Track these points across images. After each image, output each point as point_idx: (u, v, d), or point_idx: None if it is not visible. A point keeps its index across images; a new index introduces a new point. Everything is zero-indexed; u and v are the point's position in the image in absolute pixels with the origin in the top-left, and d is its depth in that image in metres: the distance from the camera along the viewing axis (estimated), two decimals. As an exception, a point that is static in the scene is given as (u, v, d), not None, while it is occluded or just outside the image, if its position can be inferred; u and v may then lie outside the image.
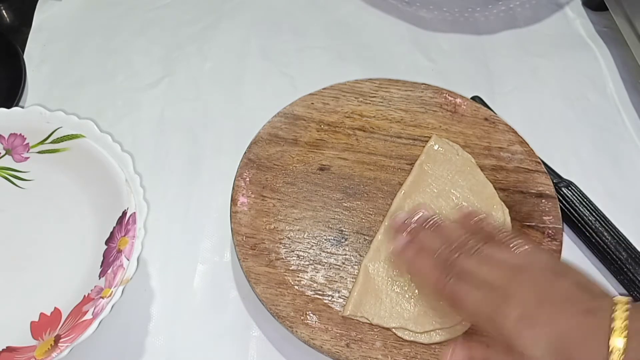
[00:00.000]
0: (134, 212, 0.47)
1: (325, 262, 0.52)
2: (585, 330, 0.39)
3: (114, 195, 0.48)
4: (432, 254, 0.46)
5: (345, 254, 0.52)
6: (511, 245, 0.45)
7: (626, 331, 0.38)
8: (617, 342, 0.38)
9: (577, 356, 0.39)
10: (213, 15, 0.72)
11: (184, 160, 0.61)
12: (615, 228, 0.55)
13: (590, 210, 0.55)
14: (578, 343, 0.39)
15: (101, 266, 0.47)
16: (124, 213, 0.47)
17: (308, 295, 0.50)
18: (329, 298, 0.50)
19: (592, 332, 0.39)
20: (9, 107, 0.51)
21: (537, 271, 0.43)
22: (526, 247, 0.45)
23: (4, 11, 0.72)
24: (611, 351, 0.38)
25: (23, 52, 0.67)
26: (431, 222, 0.49)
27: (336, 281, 0.51)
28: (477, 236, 0.46)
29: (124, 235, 0.46)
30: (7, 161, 0.52)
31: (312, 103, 0.59)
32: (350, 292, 0.50)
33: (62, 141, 0.51)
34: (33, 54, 0.68)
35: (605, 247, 0.54)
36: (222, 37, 0.70)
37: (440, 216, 0.49)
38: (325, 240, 0.53)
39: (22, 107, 0.52)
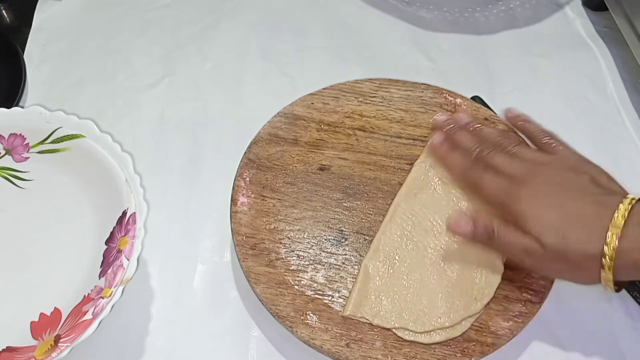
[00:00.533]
0: (134, 212, 0.47)
1: (325, 262, 0.52)
2: (589, 216, 0.43)
3: (114, 195, 0.48)
4: (466, 150, 0.51)
5: (345, 254, 0.52)
6: (546, 148, 0.50)
7: (624, 220, 0.42)
8: (614, 229, 0.42)
9: (574, 237, 0.43)
10: (213, 15, 0.72)
11: (184, 160, 0.61)
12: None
13: (591, 210, 0.55)
14: (579, 226, 0.43)
15: (101, 266, 0.47)
16: (124, 213, 0.47)
17: (308, 295, 0.50)
18: (329, 298, 0.50)
19: (594, 218, 0.43)
20: (9, 107, 0.51)
21: (558, 166, 0.48)
22: (558, 147, 0.50)
23: (4, 11, 0.72)
24: (608, 233, 0.42)
25: (23, 52, 0.67)
26: (471, 125, 0.53)
27: (336, 281, 0.51)
28: (513, 140, 0.51)
29: (124, 235, 0.46)
30: (7, 161, 0.52)
31: (312, 103, 0.59)
32: (350, 292, 0.50)
33: (62, 141, 0.51)
34: (33, 54, 0.68)
35: (606, 246, 0.54)
36: (222, 37, 0.70)
37: (479, 123, 0.54)
38: (325, 240, 0.53)
39: (22, 107, 0.52)
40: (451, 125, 0.54)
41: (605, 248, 0.41)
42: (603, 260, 0.42)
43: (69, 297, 0.47)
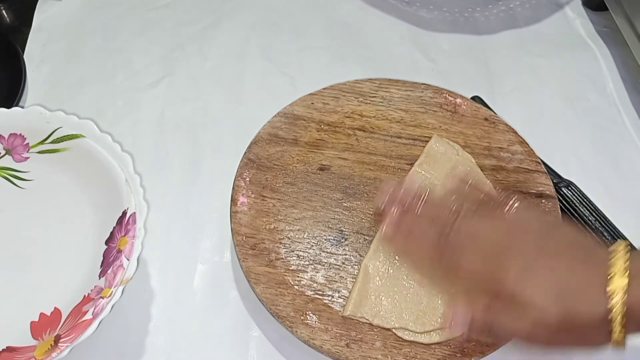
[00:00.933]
0: (134, 212, 0.47)
1: (325, 262, 0.52)
2: (585, 277, 0.39)
3: (114, 195, 0.48)
4: (423, 232, 0.45)
5: (345, 254, 0.52)
6: (504, 204, 0.45)
7: (627, 272, 0.38)
8: (619, 282, 0.38)
9: (578, 302, 0.39)
10: (213, 15, 0.72)
11: (184, 160, 0.61)
12: (615, 228, 0.54)
13: (590, 210, 0.55)
14: (579, 290, 0.39)
15: (101, 266, 0.47)
16: (124, 213, 0.47)
17: (308, 295, 0.50)
18: (329, 298, 0.50)
19: (591, 278, 0.39)
20: (9, 107, 0.51)
21: (533, 225, 0.43)
22: (518, 204, 0.45)
23: (4, 11, 0.72)
24: (612, 293, 0.38)
25: (23, 52, 0.67)
26: (418, 200, 0.46)
27: (336, 281, 0.51)
28: (469, 202, 0.45)
29: (124, 235, 0.46)
30: (7, 161, 0.52)
31: (312, 103, 0.59)
32: (350, 292, 0.50)
33: (62, 141, 0.51)
34: (33, 54, 0.68)
35: (605, 247, 0.54)
36: (222, 37, 0.70)
37: (426, 187, 0.47)
38: (325, 240, 0.53)
39: (22, 107, 0.52)
40: (397, 209, 0.46)
41: (613, 306, 0.38)
42: (613, 318, 0.37)
43: (69, 297, 0.47)
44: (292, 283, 0.50)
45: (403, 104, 0.60)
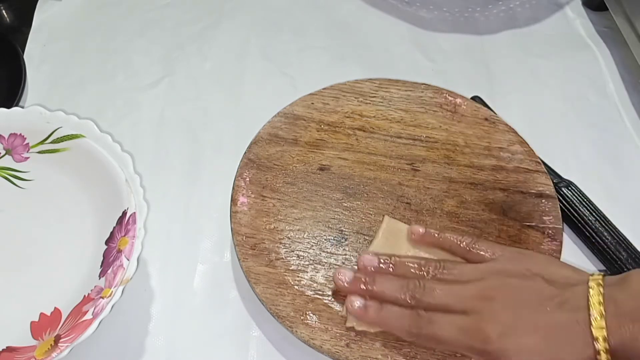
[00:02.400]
0: (134, 212, 0.47)
1: (325, 262, 0.52)
2: (567, 326, 0.40)
3: (114, 195, 0.48)
4: (393, 302, 0.45)
5: (345, 254, 0.52)
6: (474, 257, 0.46)
7: (604, 314, 0.39)
8: (599, 329, 0.38)
9: (567, 353, 0.39)
10: (213, 15, 0.72)
11: (184, 160, 0.61)
12: (615, 228, 0.55)
13: (590, 210, 0.55)
14: (563, 340, 0.40)
15: (101, 266, 0.47)
16: (124, 213, 0.47)
17: (308, 295, 0.50)
18: (329, 298, 0.50)
19: (573, 326, 0.39)
20: (9, 107, 0.51)
21: (504, 282, 0.43)
22: (487, 254, 0.45)
23: (4, 11, 0.72)
24: (596, 339, 0.38)
25: (23, 52, 0.67)
26: (378, 267, 0.47)
27: (336, 281, 0.51)
28: (434, 261, 0.46)
29: (124, 235, 0.46)
30: (7, 161, 0.52)
31: (312, 103, 0.59)
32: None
33: (62, 141, 0.51)
34: (33, 54, 0.68)
35: (605, 247, 0.54)
36: (222, 37, 0.70)
37: (385, 258, 0.47)
38: (325, 240, 0.53)
39: (22, 107, 0.52)
40: (361, 282, 0.46)
41: (598, 354, 0.38)
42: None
43: (69, 297, 0.47)
44: (292, 283, 0.50)
45: (403, 104, 0.60)
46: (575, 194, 0.56)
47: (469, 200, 0.55)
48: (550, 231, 0.53)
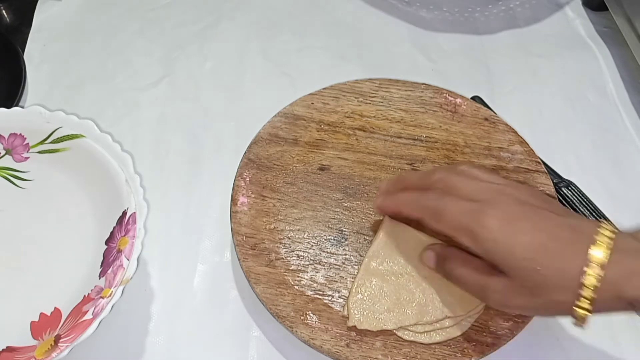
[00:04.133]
0: (134, 212, 0.47)
1: (325, 262, 0.52)
2: (566, 241, 0.39)
3: (114, 195, 0.48)
4: (411, 193, 0.47)
5: (345, 254, 0.52)
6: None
7: (609, 246, 0.38)
8: (597, 253, 0.38)
9: (554, 264, 0.39)
10: (213, 15, 0.72)
11: (184, 160, 0.61)
12: (615, 228, 0.54)
13: (590, 210, 0.55)
14: (557, 252, 0.39)
15: (101, 266, 0.47)
16: (124, 213, 0.47)
17: (308, 295, 0.50)
18: (329, 298, 0.50)
19: (572, 243, 0.39)
20: (9, 107, 0.51)
21: (523, 190, 0.43)
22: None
23: (4, 11, 0.72)
24: (589, 262, 0.37)
25: (23, 52, 0.67)
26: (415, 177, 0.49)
27: (336, 281, 0.51)
28: (465, 164, 0.48)
29: (124, 235, 0.46)
30: (7, 161, 0.52)
31: (312, 103, 0.59)
32: (349, 296, 0.49)
33: (62, 141, 0.51)
34: (33, 54, 0.68)
35: (605, 247, 0.54)
36: (222, 37, 0.70)
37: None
38: (325, 240, 0.53)
39: (22, 107, 0.52)
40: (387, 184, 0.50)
41: (587, 279, 0.37)
42: (582, 292, 0.37)
43: (69, 297, 0.47)
44: (292, 283, 0.50)
45: (403, 104, 0.60)
46: (575, 194, 0.56)
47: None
48: (550, 231, 0.53)
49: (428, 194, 0.45)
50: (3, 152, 0.52)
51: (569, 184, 0.57)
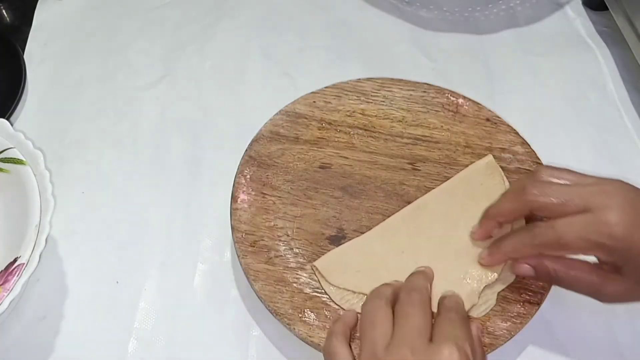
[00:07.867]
0: (22, 264, 0.44)
1: (325, 261, 0.51)
2: None
3: (18, 237, 0.46)
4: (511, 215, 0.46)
5: (346, 253, 0.52)
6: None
7: None
8: None
9: None
10: (213, 14, 0.72)
11: (184, 159, 0.61)
12: None
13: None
14: None
15: None
16: (15, 260, 0.45)
17: (306, 293, 0.49)
18: (327, 296, 0.50)
19: None
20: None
21: (616, 182, 0.43)
22: None
23: (4, 11, 0.73)
24: None
25: (23, 52, 0.67)
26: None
27: (336, 280, 0.51)
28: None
29: (1, 284, 0.44)
30: None
31: (314, 101, 0.59)
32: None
33: (8, 162, 0.50)
34: (33, 54, 0.68)
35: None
36: (222, 36, 0.70)
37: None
38: (324, 238, 0.53)
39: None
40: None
41: None
42: None
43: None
44: (291, 280, 0.50)
45: (405, 104, 0.60)
46: (576, 193, 0.56)
47: (470, 199, 0.55)
48: (551, 230, 0.52)
49: (535, 229, 0.43)
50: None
51: (570, 183, 0.57)
